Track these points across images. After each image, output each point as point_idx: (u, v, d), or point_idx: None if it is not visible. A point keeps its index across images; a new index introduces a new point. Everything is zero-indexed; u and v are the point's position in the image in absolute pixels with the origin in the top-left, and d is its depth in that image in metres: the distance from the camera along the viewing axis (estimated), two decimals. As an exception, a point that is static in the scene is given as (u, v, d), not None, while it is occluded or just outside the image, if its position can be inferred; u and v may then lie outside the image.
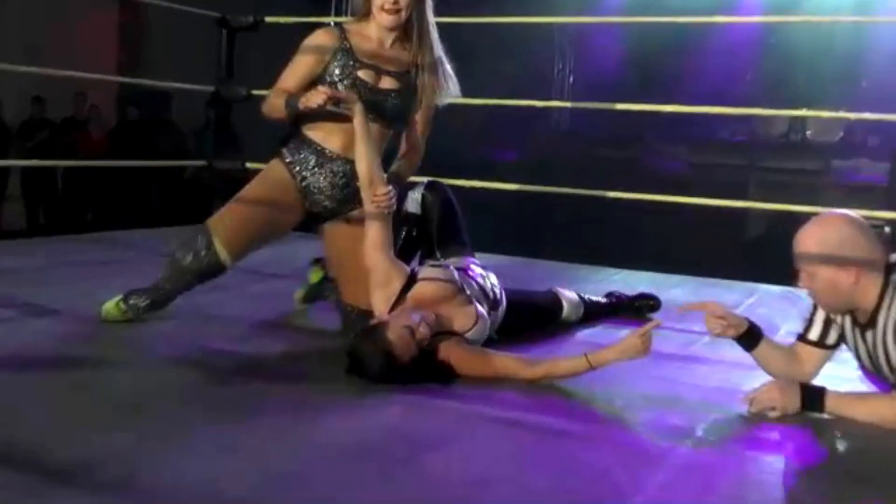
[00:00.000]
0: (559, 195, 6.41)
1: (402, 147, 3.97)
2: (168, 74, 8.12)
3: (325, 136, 3.77)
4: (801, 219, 3.35)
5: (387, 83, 3.74)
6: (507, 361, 3.36)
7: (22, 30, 12.17)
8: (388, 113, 3.77)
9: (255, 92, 6.53)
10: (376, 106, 3.71)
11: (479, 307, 3.57)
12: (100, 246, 5.94)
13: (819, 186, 11.64)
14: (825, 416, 3.08)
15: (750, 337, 3.36)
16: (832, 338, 3.33)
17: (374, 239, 3.56)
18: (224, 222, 3.71)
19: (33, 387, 2.96)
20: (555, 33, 17.91)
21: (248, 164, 6.38)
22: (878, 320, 3.08)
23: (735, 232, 11.34)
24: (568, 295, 4.34)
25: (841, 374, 3.55)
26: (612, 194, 5.96)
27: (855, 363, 3.30)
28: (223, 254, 3.66)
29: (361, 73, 3.70)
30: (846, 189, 11.30)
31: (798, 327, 3.43)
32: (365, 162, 3.63)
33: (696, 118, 12.65)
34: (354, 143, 3.65)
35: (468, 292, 3.58)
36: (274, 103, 3.71)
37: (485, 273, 3.80)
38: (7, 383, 2.98)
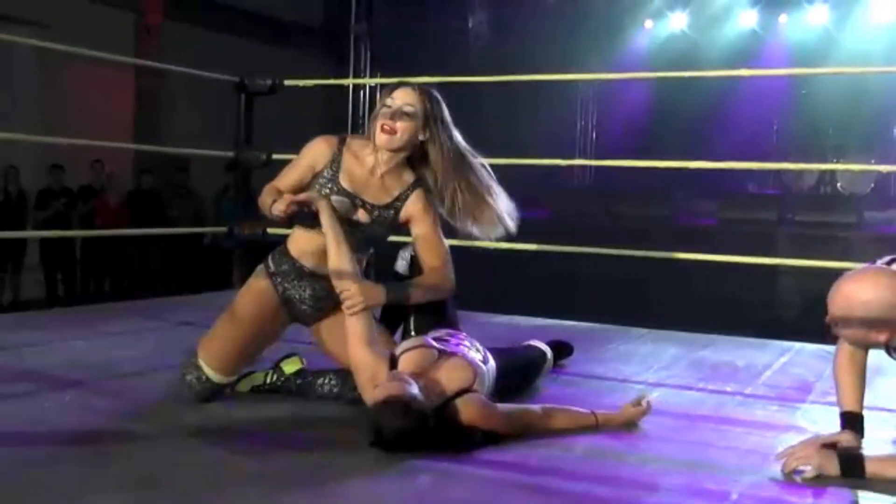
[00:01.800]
0: (584, 254, 6.32)
1: None
2: (186, 140, 8.12)
3: (300, 253, 3.71)
4: (834, 274, 3.27)
5: (359, 215, 3.64)
6: (526, 415, 3.35)
7: (39, 98, 12.28)
8: (355, 241, 3.62)
9: (274, 156, 6.50)
10: (344, 233, 3.57)
11: (467, 354, 3.49)
12: (119, 316, 5.88)
13: (852, 239, 11.51)
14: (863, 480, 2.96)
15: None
16: None
17: (356, 336, 3.46)
18: (213, 348, 3.62)
19: (53, 460, 2.88)
20: (578, 89, 18.00)
21: (269, 230, 6.34)
22: None
23: (766, 288, 11.21)
24: (543, 346, 4.29)
25: (880, 437, 3.48)
26: (638, 253, 5.88)
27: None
28: (216, 377, 3.60)
29: (334, 200, 3.59)
30: (880, 241, 11.13)
31: (832, 382, 3.45)
32: (335, 261, 3.52)
33: (723, 171, 12.58)
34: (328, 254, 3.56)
35: (448, 348, 3.49)
36: (263, 201, 3.65)
37: (469, 342, 3.66)
38: (27, 457, 2.90)
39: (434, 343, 3.50)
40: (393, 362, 3.40)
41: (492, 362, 3.61)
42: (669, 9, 16.59)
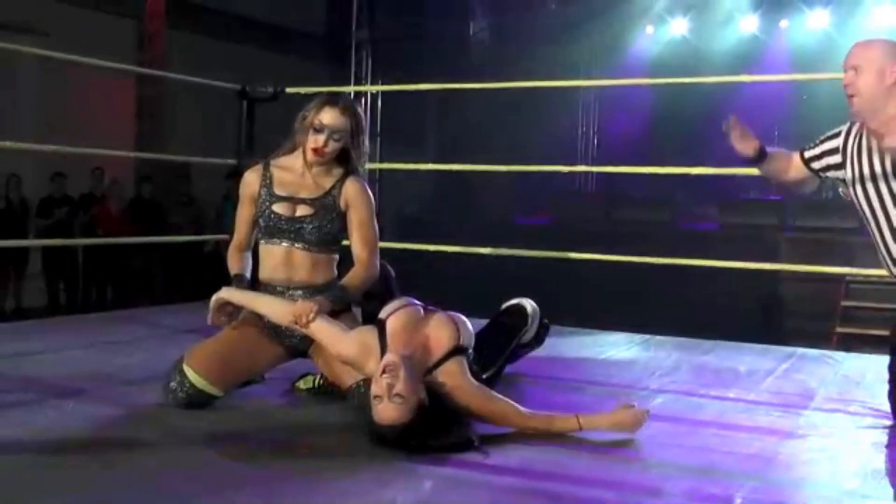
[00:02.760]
0: (584, 259, 6.32)
1: None
2: (187, 147, 8.12)
3: (269, 274, 3.92)
4: (835, 279, 3.30)
5: (302, 210, 3.86)
6: (506, 407, 3.38)
7: (41, 105, 12.28)
8: (309, 237, 3.86)
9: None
10: (297, 234, 3.85)
11: (449, 312, 3.62)
12: (121, 324, 5.89)
13: (853, 244, 11.50)
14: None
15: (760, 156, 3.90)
16: (819, 165, 3.91)
17: (330, 337, 3.56)
18: (198, 355, 3.70)
19: (55, 467, 2.89)
20: (579, 95, 18.02)
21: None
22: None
23: (768, 293, 11.22)
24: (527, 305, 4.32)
25: (870, 439, 3.54)
26: (639, 259, 5.87)
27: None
28: (200, 382, 3.63)
29: (276, 207, 3.87)
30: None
31: (835, 388, 3.38)
32: (266, 309, 3.75)
33: (725, 177, 12.58)
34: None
35: (429, 305, 3.63)
36: (230, 265, 3.98)
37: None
38: (29, 464, 2.91)
39: (413, 300, 3.62)
40: (381, 327, 3.48)
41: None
42: (670, 14, 16.60)
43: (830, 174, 3.90)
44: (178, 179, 13.39)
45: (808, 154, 3.95)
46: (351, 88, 16.45)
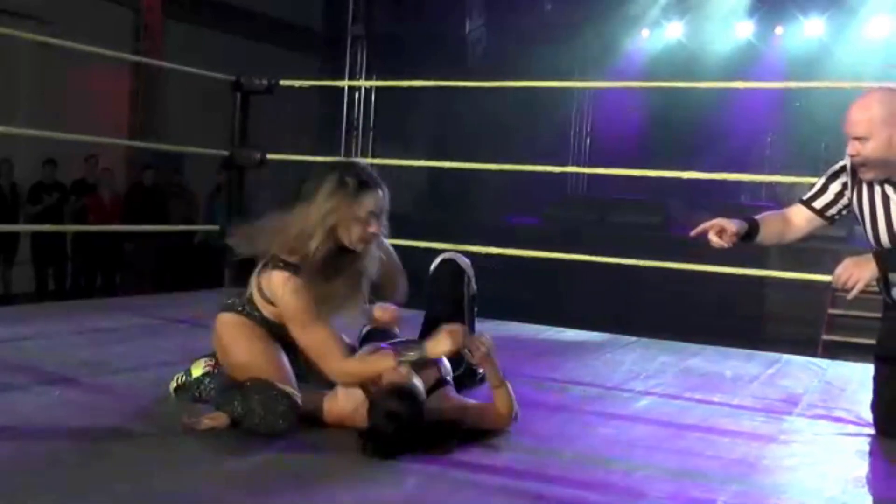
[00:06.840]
0: (575, 261, 6.33)
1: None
2: (181, 138, 8.10)
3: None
4: (824, 287, 3.33)
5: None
6: (486, 410, 3.38)
7: (37, 93, 12.26)
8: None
9: (269, 156, 6.50)
10: None
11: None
12: (109, 311, 5.88)
13: (842, 252, 11.52)
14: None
15: (749, 233, 3.83)
16: (835, 210, 3.86)
17: (323, 404, 3.42)
18: (271, 375, 3.34)
19: (42, 456, 2.87)
20: (573, 97, 18.00)
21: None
22: None
23: (756, 299, 11.24)
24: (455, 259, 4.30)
25: (853, 448, 3.55)
26: (629, 262, 5.88)
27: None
28: (294, 392, 3.32)
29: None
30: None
31: (819, 395, 3.39)
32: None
33: (716, 182, 12.58)
34: None
35: (404, 345, 3.50)
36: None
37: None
38: (21, 452, 2.90)
39: (392, 342, 3.53)
40: None
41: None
42: (666, 18, 16.59)
43: (844, 212, 3.87)
44: (170, 170, 13.37)
45: (818, 204, 3.88)
46: (345, 83, 16.47)
